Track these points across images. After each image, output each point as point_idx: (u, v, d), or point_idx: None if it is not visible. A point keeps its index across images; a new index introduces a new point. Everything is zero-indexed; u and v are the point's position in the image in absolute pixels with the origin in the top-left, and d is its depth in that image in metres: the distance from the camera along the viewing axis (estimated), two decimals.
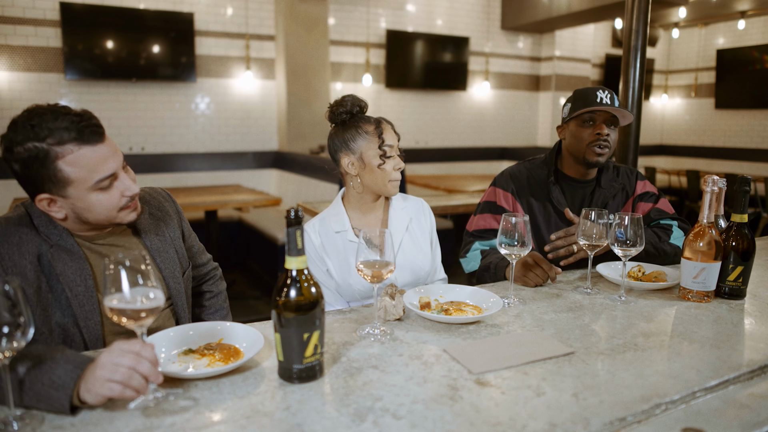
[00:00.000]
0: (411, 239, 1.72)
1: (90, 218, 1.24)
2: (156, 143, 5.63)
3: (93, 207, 1.22)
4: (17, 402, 0.91)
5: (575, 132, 1.87)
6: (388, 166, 1.61)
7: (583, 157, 1.86)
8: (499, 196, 1.96)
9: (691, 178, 6.83)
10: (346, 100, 1.64)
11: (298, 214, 0.98)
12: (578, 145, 1.86)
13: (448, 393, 0.98)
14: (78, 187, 1.19)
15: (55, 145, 1.15)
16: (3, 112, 5.00)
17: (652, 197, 1.97)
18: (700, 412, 0.95)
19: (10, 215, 1.27)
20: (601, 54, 8.40)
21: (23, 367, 0.91)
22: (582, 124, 1.86)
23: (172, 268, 1.43)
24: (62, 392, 0.89)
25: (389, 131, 1.63)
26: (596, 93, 1.82)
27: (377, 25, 6.66)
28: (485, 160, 7.64)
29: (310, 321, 0.99)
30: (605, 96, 1.81)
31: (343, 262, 1.64)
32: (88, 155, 1.18)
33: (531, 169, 2.00)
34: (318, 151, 5.79)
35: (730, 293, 1.53)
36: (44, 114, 1.16)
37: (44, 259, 1.23)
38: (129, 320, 0.94)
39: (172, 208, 1.54)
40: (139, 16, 5.30)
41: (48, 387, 0.89)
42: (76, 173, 1.17)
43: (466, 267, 1.93)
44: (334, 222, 1.67)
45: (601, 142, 1.82)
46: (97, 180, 1.19)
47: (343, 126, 1.65)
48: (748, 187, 1.48)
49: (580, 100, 1.86)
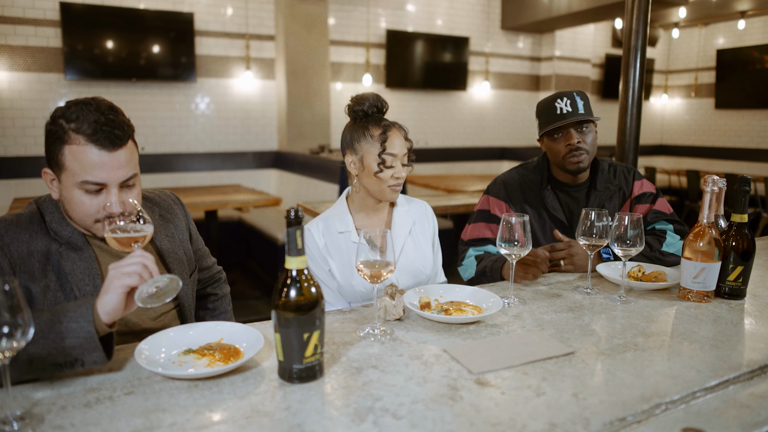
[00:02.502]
0: (413, 243, 1.72)
1: (70, 212, 1.26)
2: (156, 143, 5.64)
3: (72, 203, 1.24)
4: (35, 370, 0.98)
5: (549, 147, 1.88)
6: (385, 175, 1.58)
7: (565, 168, 1.87)
8: (493, 205, 1.95)
9: (691, 178, 6.83)
10: (366, 99, 1.61)
11: (298, 214, 0.98)
12: (555, 159, 1.88)
13: (448, 393, 0.98)
14: (68, 177, 1.21)
15: (73, 131, 1.19)
16: (3, 112, 5.00)
17: (650, 198, 1.95)
18: (700, 412, 0.95)
19: (21, 212, 1.28)
20: (601, 54, 8.41)
21: (37, 326, 0.97)
22: (552, 139, 1.86)
23: (180, 270, 1.44)
24: (84, 321, 0.99)
25: (396, 138, 1.59)
26: (555, 105, 1.81)
27: (377, 25, 6.67)
28: (485, 160, 7.64)
29: (310, 321, 0.99)
30: (565, 105, 1.80)
31: (345, 263, 1.64)
32: (89, 154, 1.19)
33: (524, 174, 1.99)
34: (318, 151, 5.79)
35: (730, 293, 1.53)
36: (88, 104, 1.21)
37: (53, 258, 1.23)
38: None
39: (181, 211, 1.55)
40: (139, 16, 5.30)
41: (69, 322, 0.99)
42: (71, 164, 1.20)
43: (463, 275, 1.93)
44: (337, 222, 1.67)
45: (575, 152, 1.82)
46: (83, 180, 1.20)
47: (355, 124, 1.63)
48: (748, 187, 1.48)
49: (543, 115, 1.86)
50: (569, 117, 1.80)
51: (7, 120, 5.02)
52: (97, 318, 1.01)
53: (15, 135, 5.04)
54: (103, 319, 1.01)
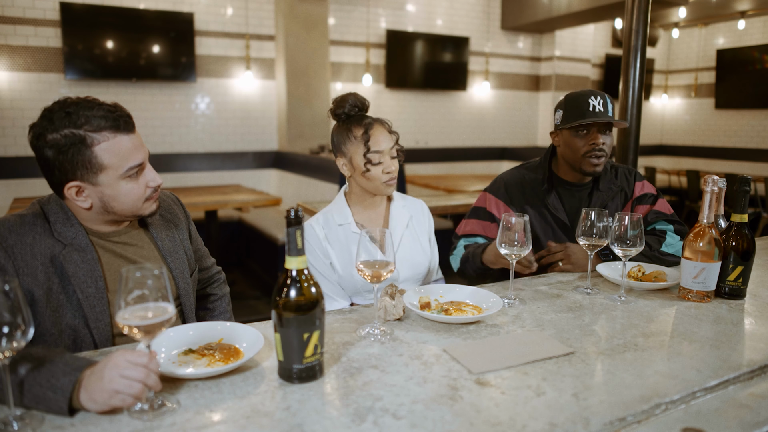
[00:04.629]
0: (411, 235, 1.75)
1: (116, 207, 1.27)
2: (156, 143, 5.63)
3: (120, 196, 1.26)
4: (17, 402, 0.91)
5: (569, 141, 1.83)
6: (375, 172, 1.59)
7: (580, 168, 1.83)
8: (490, 202, 1.95)
9: (691, 178, 6.83)
10: (345, 101, 1.64)
11: (298, 214, 0.98)
12: (573, 155, 1.83)
13: (448, 393, 0.98)
14: (110, 174, 1.23)
15: (92, 132, 1.19)
16: (3, 112, 5.00)
17: (650, 198, 1.94)
18: (700, 412, 0.95)
19: (24, 214, 1.27)
20: (601, 54, 8.40)
21: (23, 369, 0.92)
22: (576, 133, 1.81)
23: (181, 269, 1.45)
24: (60, 395, 0.89)
25: (380, 134, 1.59)
26: (588, 101, 1.76)
27: (377, 25, 6.66)
28: (485, 160, 7.64)
29: (310, 321, 0.99)
30: (598, 103, 1.76)
31: (345, 254, 1.65)
32: (122, 143, 1.23)
33: (526, 174, 1.97)
34: (318, 151, 5.79)
35: (730, 293, 1.53)
36: (79, 103, 1.21)
37: (57, 261, 1.23)
38: (141, 333, 0.92)
39: (181, 211, 1.57)
40: (139, 16, 5.30)
41: (46, 389, 0.89)
42: (110, 160, 1.22)
43: (454, 264, 1.98)
44: (337, 215, 1.69)
45: (597, 152, 1.79)
46: (128, 168, 1.24)
47: (339, 126, 1.66)
48: (748, 187, 1.48)
49: (572, 109, 1.80)
50: (601, 117, 1.76)
51: (7, 120, 5.02)
52: (76, 397, 0.90)
53: (15, 135, 5.04)
54: (84, 405, 0.90)
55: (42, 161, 1.22)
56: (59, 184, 1.23)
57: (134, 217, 1.34)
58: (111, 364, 0.91)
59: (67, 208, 1.28)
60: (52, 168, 1.21)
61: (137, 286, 0.90)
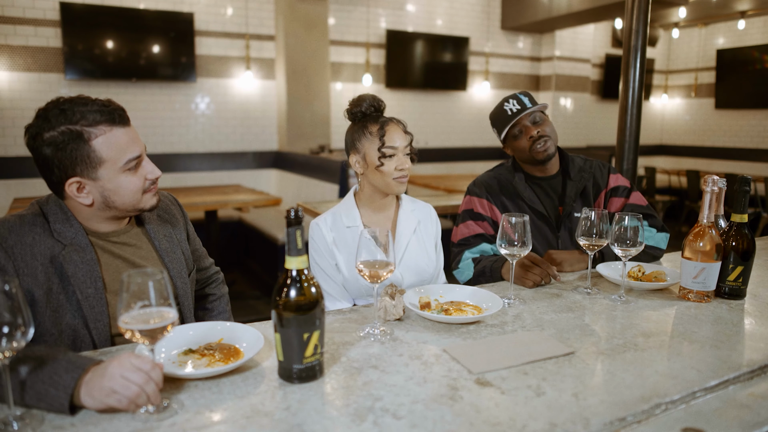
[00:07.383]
0: (418, 241, 1.75)
1: (117, 202, 1.28)
2: (156, 143, 5.63)
3: (121, 189, 1.26)
4: (18, 401, 0.91)
5: (514, 146, 1.96)
6: (388, 167, 1.61)
7: (534, 159, 1.93)
8: (475, 203, 1.98)
9: (691, 178, 6.83)
10: (363, 100, 1.65)
11: (298, 214, 0.98)
12: (524, 154, 1.94)
13: (448, 393, 0.98)
14: (109, 168, 1.23)
15: (89, 126, 1.20)
16: (3, 112, 5.00)
17: (624, 191, 1.99)
18: (700, 412, 0.95)
19: (24, 214, 1.27)
20: (601, 54, 8.41)
21: (25, 367, 0.92)
22: (514, 139, 1.94)
23: (179, 269, 1.45)
24: (62, 392, 0.89)
25: (395, 132, 1.62)
26: (504, 108, 1.91)
27: (377, 25, 6.66)
28: (485, 160, 7.63)
29: (310, 321, 0.99)
30: (512, 105, 1.90)
31: (352, 257, 1.66)
32: (118, 135, 1.24)
33: (500, 173, 2.05)
34: (318, 151, 5.79)
35: (730, 293, 1.53)
36: (73, 100, 1.22)
37: (57, 261, 1.23)
38: (143, 338, 0.92)
39: (178, 212, 1.57)
40: (139, 16, 5.30)
41: (48, 386, 0.90)
42: (108, 153, 1.22)
43: (460, 278, 1.92)
44: (345, 217, 1.70)
45: (537, 140, 1.89)
46: (127, 160, 1.25)
47: (354, 125, 1.67)
48: (748, 187, 1.48)
49: (498, 122, 1.95)
50: (519, 113, 1.89)
51: (7, 120, 5.02)
52: (77, 395, 0.90)
53: (15, 135, 5.04)
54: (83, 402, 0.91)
55: (40, 161, 1.22)
56: (59, 182, 1.23)
57: (135, 211, 1.34)
58: (116, 363, 0.92)
59: (66, 208, 1.28)
60: (51, 166, 1.21)
61: (139, 291, 0.90)
